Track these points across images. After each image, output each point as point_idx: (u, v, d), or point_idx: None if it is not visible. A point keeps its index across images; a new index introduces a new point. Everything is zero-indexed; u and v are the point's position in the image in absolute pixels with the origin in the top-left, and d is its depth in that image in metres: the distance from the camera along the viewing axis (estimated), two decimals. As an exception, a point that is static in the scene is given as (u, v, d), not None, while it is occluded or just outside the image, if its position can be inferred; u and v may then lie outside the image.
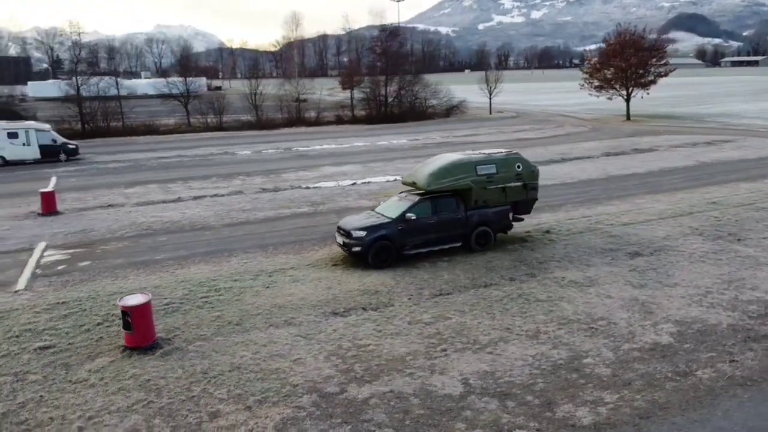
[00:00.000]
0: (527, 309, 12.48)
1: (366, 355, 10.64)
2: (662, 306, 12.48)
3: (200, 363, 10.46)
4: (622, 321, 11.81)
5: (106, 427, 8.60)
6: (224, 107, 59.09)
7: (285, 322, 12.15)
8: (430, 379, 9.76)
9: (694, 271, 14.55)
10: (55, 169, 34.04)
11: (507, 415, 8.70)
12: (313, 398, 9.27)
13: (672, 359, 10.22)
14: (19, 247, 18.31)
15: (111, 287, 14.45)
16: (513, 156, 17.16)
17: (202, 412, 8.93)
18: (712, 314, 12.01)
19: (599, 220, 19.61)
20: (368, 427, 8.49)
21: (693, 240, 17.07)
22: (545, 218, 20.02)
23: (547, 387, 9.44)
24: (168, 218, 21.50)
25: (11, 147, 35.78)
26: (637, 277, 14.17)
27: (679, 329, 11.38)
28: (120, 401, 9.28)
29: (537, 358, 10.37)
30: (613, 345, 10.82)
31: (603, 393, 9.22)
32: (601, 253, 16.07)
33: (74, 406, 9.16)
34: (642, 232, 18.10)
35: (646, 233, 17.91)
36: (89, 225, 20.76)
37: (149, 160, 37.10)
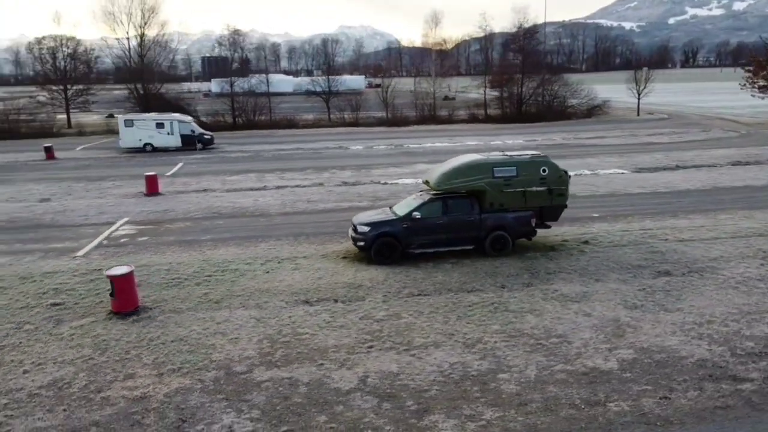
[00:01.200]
0: (488, 318, 12.04)
1: (295, 343, 11.11)
2: (640, 331, 11.30)
3: (155, 331, 11.69)
4: (580, 341, 10.95)
5: (42, 373, 10.11)
6: (360, 104, 61.66)
7: (255, 304, 13.00)
8: (333, 373, 9.99)
9: (714, 297, 12.83)
10: (187, 156, 38.38)
11: (374, 415, 8.71)
12: (218, 374, 9.99)
13: (596, 387, 9.36)
14: (108, 220, 21.30)
15: (146, 260, 16.39)
16: (539, 159, 16.30)
17: (120, 372, 10.10)
18: (689, 346, 10.64)
19: (655, 234, 17.83)
20: (242, 406, 9.02)
21: (746, 264, 14.92)
22: (597, 228, 18.67)
23: (437, 395, 9.22)
24: (240, 204, 23.47)
25: (159, 136, 41.00)
26: (639, 298, 12.87)
27: (635, 357, 10.30)
28: (70, 354, 10.79)
29: (454, 367, 10.09)
30: (545, 364, 10.13)
31: (487, 409, 8.80)
32: (624, 269, 14.73)
33: (35, 354, 10.84)
34: (694, 250, 16.16)
35: (696, 252, 15.98)
36: (173, 206, 23.41)
37: (268, 152, 40.22)
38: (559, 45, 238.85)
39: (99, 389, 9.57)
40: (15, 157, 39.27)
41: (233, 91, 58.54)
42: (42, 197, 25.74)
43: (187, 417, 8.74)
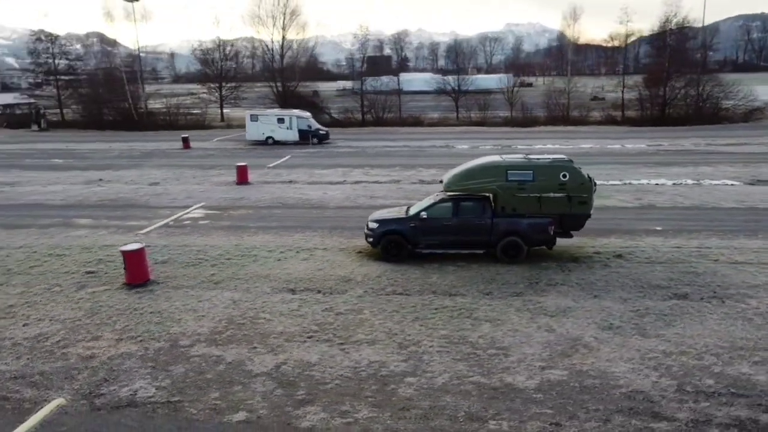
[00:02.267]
0: (444, 322, 11.84)
1: (248, 326, 11.86)
2: (594, 353, 10.46)
3: (144, 303, 13.12)
4: (518, 356, 10.43)
5: (35, 327, 11.91)
6: (489, 104, 60.80)
7: (245, 288, 13.97)
8: (258, 356, 10.59)
9: (713, 327, 11.36)
10: (299, 150, 40.86)
11: (259, 398, 9.18)
12: (164, 345, 11.07)
13: (493, 403, 8.96)
14: (188, 204, 23.70)
15: (188, 241, 18.17)
16: (559, 164, 15.36)
17: (91, 334, 11.58)
18: (635, 375, 9.67)
19: (707, 254, 15.94)
20: (159, 375, 9.97)
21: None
22: (646, 242, 17.14)
23: (331, 389, 9.44)
24: (307, 197, 24.78)
25: (279, 130, 44.13)
26: (623, 320, 11.80)
27: (564, 379, 9.62)
28: (67, 314, 12.55)
29: (371, 365, 10.19)
30: (462, 374, 9.86)
31: (365, 409, 8.86)
32: (636, 288, 13.49)
33: (43, 311, 12.77)
34: (738, 274, 14.29)
35: (739, 276, 14.12)
36: (248, 195, 25.36)
37: (374, 148, 41.43)
38: (746, 41, 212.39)
39: (65, 345, 11.09)
40: (159, 146, 44.59)
41: (363, 89, 60.69)
42: (153, 181, 29.18)
43: (111, 378, 9.87)
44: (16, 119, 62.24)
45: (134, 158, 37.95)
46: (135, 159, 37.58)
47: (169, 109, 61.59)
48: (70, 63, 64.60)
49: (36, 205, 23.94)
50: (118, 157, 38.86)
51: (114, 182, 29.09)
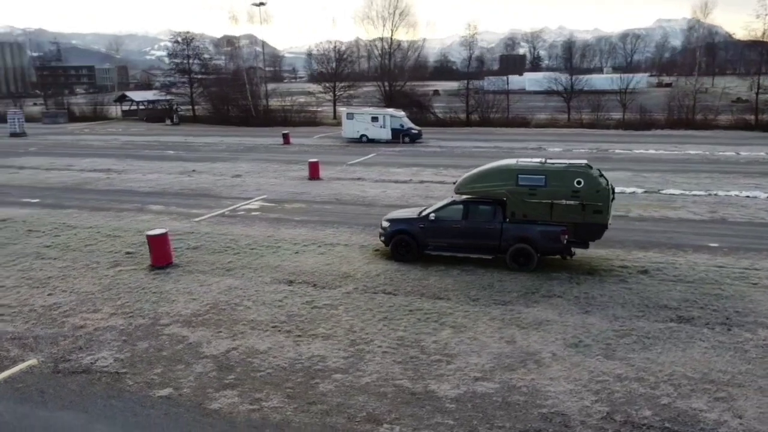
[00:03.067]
0: (408, 324, 11.80)
1: (228, 311, 12.60)
2: (540, 370, 9.95)
3: (153, 283, 14.36)
4: (460, 364, 10.20)
5: (56, 297, 13.51)
6: (601, 105, 57.63)
7: (248, 277, 14.77)
8: (217, 340, 11.25)
9: (695, 357, 10.30)
10: (388, 148, 41.55)
11: (192, 378, 9.82)
12: (146, 322, 12.11)
13: (399, 407, 8.89)
14: (251, 196, 25.22)
15: (227, 230, 19.40)
16: (575, 169, 14.50)
17: (95, 307, 12.93)
18: (568, 397, 9.09)
19: (751, 276, 14.27)
20: (124, 348, 10.97)
21: (813, 328, 11.27)
22: (686, 258, 15.68)
23: (261, 377, 9.85)
24: (365, 194, 25.30)
25: (373, 128, 45.17)
26: (596, 339, 11.04)
27: (489, 392, 9.29)
28: (87, 288, 14.09)
29: (312, 358, 10.47)
30: (391, 376, 9.84)
31: (279, 398, 9.18)
32: (638, 307, 12.49)
33: (71, 284, 14.42)
34: (764, 300, 12.71)
35: (763, 304, 12.54)
36: (310, 190, 26.41)
37: (462, 149, 41.02)
38: None
39: (67, 315, 12.51)
40: (264, 141, 47.42)
41: (468, 88, 60.14)
42: (237, 174, 31.26)
43: (86, 346, 11.03)
44: (154, 114, 69.07)
45: (235, 152, 40.74)
46: (235, 153, 40.34)
47: (283, 107, 65.15)
48: (203, 63, 70.37)
49: (126, 191, 26.70)
50: (224, 150, 41.91)
51: (204, 173, 31.51)
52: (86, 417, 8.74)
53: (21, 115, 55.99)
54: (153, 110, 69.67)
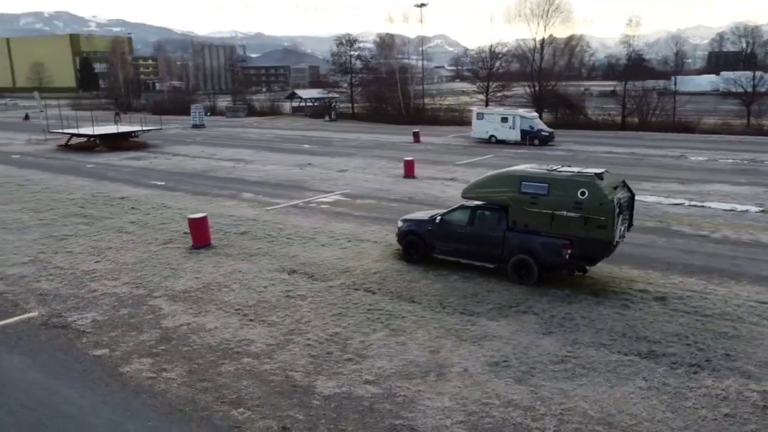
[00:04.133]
0: (350, 323, 11.96)
1: (213, 290, 13.79)
2: (435, 383, 9.64)
3: (177, 260, 16.10)
4: (366, 365, 10.23)
5: (98, 264, 15.83)
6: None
7: (260, 264, 15.87)
8: (180, 314, 12.44)
9: (619, 396, 9.18)
10: (510, 150, 40.38)
11: (131, 343, 11.11)
12: (142, 293, 13.76)
13: (267, 394, 9.27)
14: (337, 190, 26.52)
15: (286, 219, 20.77)
16: (580, 179, 13.30)
17: (118, 276, 14.97)
18: (432, 413, 8.75)
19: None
20: (110, 313, 12.65)
21: (804, 385, 9.34)
22: (718, 288, 13.62)
23: (185, 352, 10.84)
24: (443, 195, 25.16)
25: (502, 129, 44.20)
26: (526, 362, 10.28)
27: (358, 394, 9.28)
28: (127, 259, 16.26)
29: (240, 340, 11.19)
30: (290, 366, 10.22)
31: (179, 369, 10.07)
32: (612, 336, 11.29)
33: (119, 254, 16.72)
34: (779, 347, 10.71)
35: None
36: (395, 188, 26.94)
37: (591, 154, 38.42)
38: None
39: (93, 280, 14.67)
40: (397, 139, 48.81)
41: (626, 89, 55.72)
42: (344, 168, 32.88)
43: (81, 307, 12.92)
44: (316, 111, 74.32)
45: (362, 148, 42.59)
46: (361, 149, 42.17)
47: (431, 106, 66.12)
48: (364, 62, 74.04)
49: (236, 180, 29.58)
50: (353, 146, 44.03)
51: (316, 167, 33.58)
52: (29, 363, 10.42)
53: (201, 109, 63.98)
54: (315, 107, 74.91)
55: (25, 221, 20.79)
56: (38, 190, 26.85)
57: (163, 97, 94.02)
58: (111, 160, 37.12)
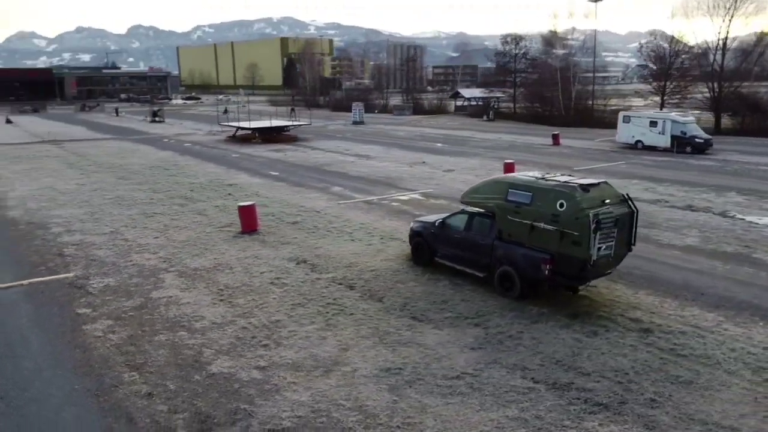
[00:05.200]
0: (304, 314, 12.48)
1: (219, 271, 15.14)
2: (297, 377, 9.88)
3: (216, 242, 17.81)
4: (281, 351, 10.81)
5: (154, 240, 18.22)
6: None
7: (279, 251, 16.97)
8: (175, 290, 13.96)
9: (476, 417, 8.63)
10: (651, 158, 36.70)
11: (114, 304, 12.92)
12: (165, 267, 15.63)
13: (176, 369, 10.28)
14: (419, 189, 26.76)
15: (346, 213, 21.67)
16: (561, 189, 12.19)
17: (156, 251, 17.13)
18: (263, 400, 9.08)
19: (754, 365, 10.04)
20: (124, 280, 14.71)
21: None
22: (738, 329, 11.65)
23: (142, 318, 12.34)
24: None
25: (649, 134, 40.27)
26: (424, 372, 9.99)
27: (236, 376, 9.89)
28: (179, 238, 18.41)
29: (192, 312, 12.39)
30: (220, 347, 11.14)
31: (129, 326, 11.55)
32: (551, 363, 10.36)
33: (176, 234, 18.99)
34: (721, 398, 9.08)
35: (712, 403, 9.01)
36: (480, 190, 26.36)
37: (752, 167, 33.51)
38: None
39: (138, 252, 16.94)
40: (535, 141, 46.98)
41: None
42: (451, 169, 32.84)
43: (107, 273, 15.14)
44: (476, 110, 73.99)
45: (491, 149, 41.87)
46: (490, 149, 41.46)
47: (595, 106, 62.03)
48: (528, 61, 71.94)
49: (341, 174, 31.18)
50: (485, 147, 43.44)
51: (426, 166, 33.98)
52: (29, 311, 12.67)
53: (361, 106, 67.42)
54: (475, 107, 74.57)
55: (137, 199, 24.38)
56: (174, 174, 31.05)
57: (345, 95, 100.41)
58: (256, 151, 41.16)
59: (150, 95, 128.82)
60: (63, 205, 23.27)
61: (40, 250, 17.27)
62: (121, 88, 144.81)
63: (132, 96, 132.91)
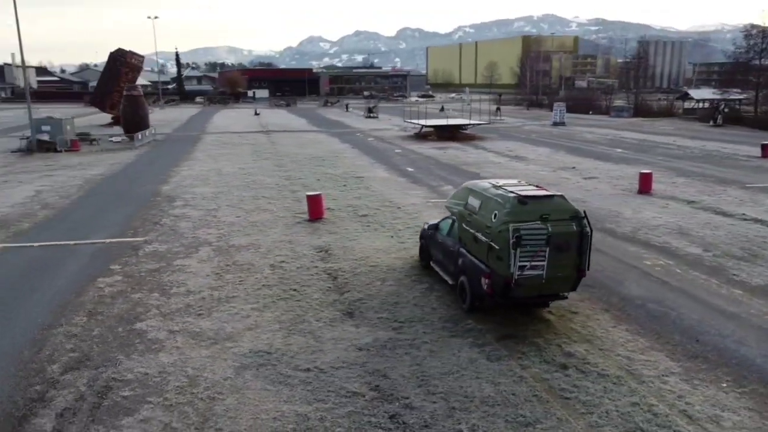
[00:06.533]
0: (257, 298, 13.65)
1: (237, 251, 17.04)
2: (181, 355, 11.11)
3: (276, 227, 19.76)
4: (219, 344, 12.30)
5: (238, 219, 20.95)
6: None
7: (317, 239, 18.25)
8: (189, 259, 16.25)
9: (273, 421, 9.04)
10: None
11: (135, 263, 15.65)
12: (209, 239, 18.15)
13: (119, 344, 12.44)
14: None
15: (422, 213, 22.03)
16: (499, 199, 11.33)
17: (217, 227, 19.70)
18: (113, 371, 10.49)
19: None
20: (165, 248, 17.54)
21: None
22: (694, 385, 9.81)
23: (141, 276, 14.78)
24: (615, 211, 21.74)
25: None
26: (285, 372, 10.53)
27: (157, 378, 11.55)
28: (256, 219, 20.88)
29: (185, 280, 14.44)
30: (158, 327, 13.03)
31: (129, 282, 14.09)
32: (422, 380, 10.22)
33: (256, 215, 21.51)
34: None
35: None
36: (600, 202, 24.15)
37: None
38: None
39: (211, 226, 19.72)
40: (746, 151, 40.06)
41: None
42: (591, 177, 30.30)
43: (166, 241, 18.07)
44: (705, 114, 65.03)
45: (669, 157, 37.19)
46: (666, 158, 36.87)
47: None
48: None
49: (470, 174, 30.92)
50: (670, 156, 38.70)
51: (573, 172, 31.87)
52: (85, 262, 15.94)
53: (563, 107, 64.29)
54: (703, 109, 65.57)
55: (265, 183, 27.64)
56: (323, 165, 34.02)
57: (565, 94, 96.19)
58: (421, 148, 42.53)
59: (386, 93, 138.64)
60: (207, 185, 27.54)
61: (148, 218, 21.06)
62: (366, 86, 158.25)
63: (374, 93, 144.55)
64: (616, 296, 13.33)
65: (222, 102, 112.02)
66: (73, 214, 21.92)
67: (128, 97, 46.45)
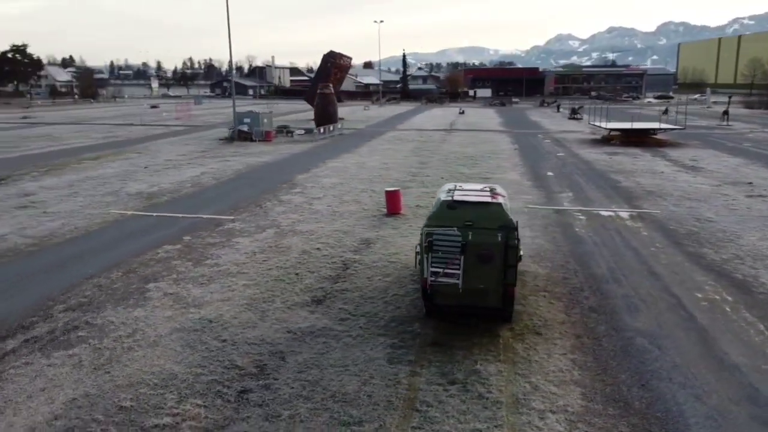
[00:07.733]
0: (234, 281, 15.11)
1: (295, 233, 18.72)
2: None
3: (346, 219, 20.97)
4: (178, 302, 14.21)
5: (324, 207, 22.72)
6: None
7: (375, 232, 19.10)
8: (213, 235, 18.40)
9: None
10: None
11: (174, 226, 18.23)
12: (263, 224, 20.13)
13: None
14: (645, 209, 22.83)
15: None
16: (439, 200, 11.11)
17: (301, 216, 21.58)
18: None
19: None
20: (185, 226, 19.91)
21: None
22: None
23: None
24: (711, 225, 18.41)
25: None
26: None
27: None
28: (337, 210, 22.38)
29: (208, 247, 16.56)
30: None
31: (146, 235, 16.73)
32: (297, 398, 10.83)
33: (348, 207, 22.98)
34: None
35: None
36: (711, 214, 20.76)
37: None
38: None
39: (294, 213, 21.77)
40: None
41: None
42: (755, 196, 25.74)
43: (251, 221, 20.53)
44: None
45: None
46: None
47: None
48: None
49: (608, 182, 28.51)
50: None
51: (741, 189, 27.46)
52: (151, 220, 19.04)
53: None
54: None
55: (389, 178, 28.87)
56: (460, 165, 34.03)
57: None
58: (595, 153, 39.50)
59: (615, 93, 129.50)
60: (337, 176, 29.78)
61: (258, 201, 23.79)
62: (596, 86, 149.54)
63: (602, 94, 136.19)
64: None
65: (438, 101, 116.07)
66: (206, 193, 25.75)
67: (321, 95, 51.56)
